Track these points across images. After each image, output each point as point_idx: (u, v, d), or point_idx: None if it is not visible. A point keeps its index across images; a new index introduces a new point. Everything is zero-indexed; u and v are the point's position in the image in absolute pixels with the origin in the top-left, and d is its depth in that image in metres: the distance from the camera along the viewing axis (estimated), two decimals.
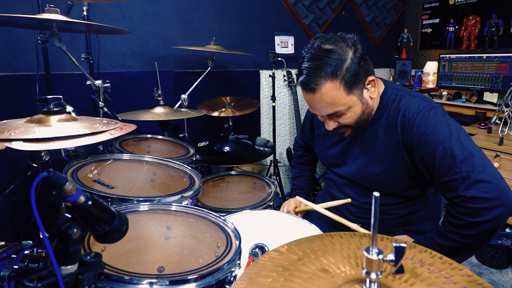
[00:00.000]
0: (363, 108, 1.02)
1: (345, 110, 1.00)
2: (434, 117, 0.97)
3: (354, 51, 0.96)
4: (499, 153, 2.00)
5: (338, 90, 0.95)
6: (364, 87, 1.00)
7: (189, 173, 1.22)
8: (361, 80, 0.98)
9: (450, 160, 0.90)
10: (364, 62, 0.98)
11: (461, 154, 0.89)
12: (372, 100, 1.04)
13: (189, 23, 2.30)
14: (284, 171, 3.01)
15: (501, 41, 2.80)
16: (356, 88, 0.98)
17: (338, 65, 0.94)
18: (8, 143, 0.70)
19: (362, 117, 1.04)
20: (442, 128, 0.94)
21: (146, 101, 2.05)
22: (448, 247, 0.95)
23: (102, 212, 0.56)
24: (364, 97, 1.01)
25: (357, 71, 0.95)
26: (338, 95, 0.96)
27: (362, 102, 1.01)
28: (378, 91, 1.06)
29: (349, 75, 0.95)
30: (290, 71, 2.80)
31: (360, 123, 1.05)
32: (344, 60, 0.94)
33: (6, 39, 1.74)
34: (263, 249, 0.85)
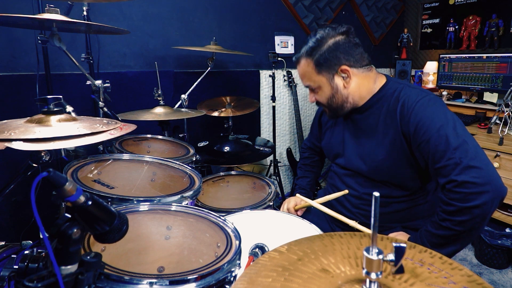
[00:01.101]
0: (332, 92, 1.13)
1: (316, 87, 1.14)
2: (432, 106, 1.02)
3: (336, 40, 1.09)
4: (499, 153, 2.00)
5: (309, 67, 1.12)
6: (337, 73, 1.11)
7: (189, 173, 1.22)
8: (331, 66, 1.09)
9: (444, 147, 0.95)
10: (344, 52, 1.08)
11: (455, 142, 0.94)
12: (347, 90, 1.12)
13: (189, 23, 2.30)
14: (284, 171, 3.01)
15: (501, 41, 2.79)
16: (325, 71, 1.11)
17: (314, 47, 1.10)
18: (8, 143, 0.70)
19: (333, 101, 1.14)
20: (439, 117, 0.99)
21: (146, 101, 2.05)
22: (443, 237, 0.98)
23: (102, 212, 0.56)
24: (335, 82, 1.12)
25: (328, 57, 1.08)
26: (309, 71, 1.13)
27: (331, 86, 1.12)
28: (359, 84, 1.12)
29: (321, 58, 1.09)
30: (290, 71, 2.80)
31: (333, 106, 1.16)
32: (321, 45, 1.09)
33: (6, 39, 1.74)
34: (263, 249, 0.85)
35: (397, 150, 1.07)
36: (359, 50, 1.11)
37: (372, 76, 1.14)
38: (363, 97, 1.14)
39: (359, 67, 1.11)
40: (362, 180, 1.20)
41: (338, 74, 1.10)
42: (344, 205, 1.25)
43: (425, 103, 1.02)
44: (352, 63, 1.10)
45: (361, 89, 1.13)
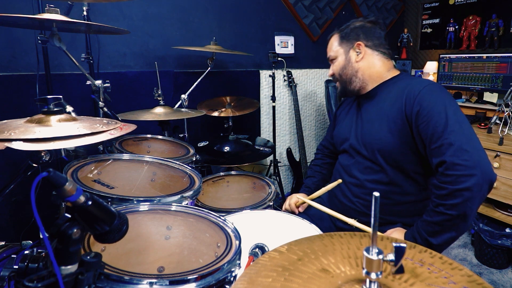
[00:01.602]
0: (345, 63, 1.26)
1: (334, 57, 1.29)
2: (436, 92, 1.07)
3: (362, 24, 1.25)
4: (499, 153, 2.00)
5: (334, 39, 1.30)
6: (353, 48, 1.24)
7: (189, 173, 1.22)
8: (350, 40, 1.25)
9: (443, 128, 1.00)
10: (364, 32, 1.23)
11: (453, 125, 1.00)
12: (358, 64, 1.23)
13: (189, 23, 2.30)
14: (284, 171, 3.01)
15: (501, 41, 2.79)
16: (345, 44, 1.26)
17: (345, 26, 1.28)
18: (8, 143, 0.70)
19: (344, 72, 1.26)
20: (442, 101, 1.04)
21: (146, 101, 2.05)
22: (437, 223, 1.01)
23: (102, 212, 0.56)
24: (349, 54, 1.25)
25: (350, 32, 1.25)
26: (333, 42, 1.30)
27: (346, 58, 1.26)
28: (370, 63, 1.23)
29: (344, 32, 1.27)
30: (290, 71, 2.80)
31: (344, 79, 1.28)
32: (349, 24, 1.27)
33: (6, 39, 1.74)
34: (263, 249, 0.85)
35: (399, 133, 1.11)
36: (381, 39, 1.23)
37: (387, 64, 1.24)
38: (372, 79, 1.23)
39: (374, 50, 1.23)
40: (363, 166, 1.22)
41: (353, 48, 1.24)
42: (345, 194, 1.27)
43: (431, 89, 1.08)
44: (369, 43, 1.23)
45: (371, 70, 1.23)
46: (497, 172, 2.02)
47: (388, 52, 1.24)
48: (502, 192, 2.01)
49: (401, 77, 1.21)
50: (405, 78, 1.20)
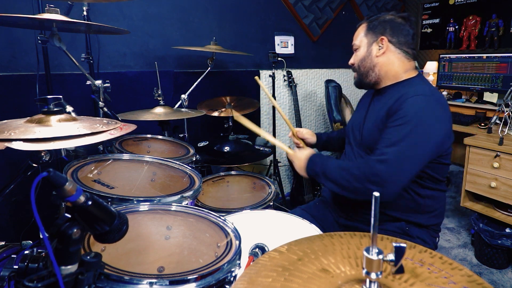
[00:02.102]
0: (365, 55, 1.24)
1: (357, 46, 1.27)
2: (422, 104, 1.07)
3: (392, 18, 1.22)
4: (499, 153, 2.00)
5: (362, 28, 1.27)
6: (376, 41, 1.22)
7: (189, 173, 1.22)
8: (376, 33, 1.22)
9: (393, 140, 1.06)
10: (392, 28, 1.20)
11: (399, 139, 1.04)
12: (377, 59, 1.22)
13: (189, 23, 2.30)
14: (284, 171, 3.01)
15: (501, 41, 2.79)
16: (370, 36, 1.23)
17: (375, 17, 1.25)
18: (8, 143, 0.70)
19: (363, 64, 1.25)
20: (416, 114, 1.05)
21: (146, 101, 2.05)
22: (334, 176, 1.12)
23: (102, 212, 0.56)
24: (371, 47, 1.23)
25: (377, 25, 1.22)
26: (360, 31, 1.28)
27: (367, 49, 1.24)
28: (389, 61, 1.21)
29: (372, 23, 1.24)
30: (290, 71, 2.79)
31: (361, 71, 1.27)
32: (380, 16, 1.24)
33: (6, 39, 1.74)
34: (263, 249, 0.85)
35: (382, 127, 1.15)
36: (408, 37, 1.20)
37: (406, 64, 1.21)
38: (387, 77, 1.23)
39: (397, 47, 1.20)
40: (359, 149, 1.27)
41: (377, 42, 1.22)
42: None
43: (421, 99, 1.08)
44: (394, 40, 1.20)
45: (389, 67, 1.22)
46: (497, 172, 2.02)
47: (411, 52, 1.22)
48: (502, 192, 2.01)
49: (413, 81, 1.19)
50: (416, 82, 1.18)
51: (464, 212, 2.75)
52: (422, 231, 1.19)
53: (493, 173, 2.04)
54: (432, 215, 1.19)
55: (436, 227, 1.22)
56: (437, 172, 1.15)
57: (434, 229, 1.22)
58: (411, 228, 1.18)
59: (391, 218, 1.19)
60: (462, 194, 2.25)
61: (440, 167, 1.15)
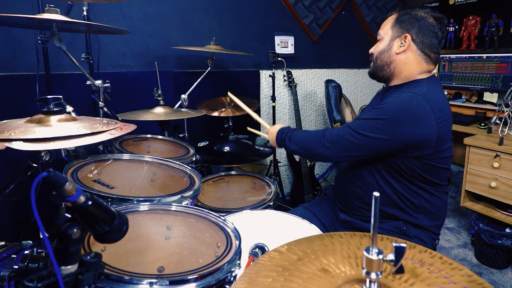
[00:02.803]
0: (385, 48, 1.21)
1: (381, 37, 1.24)
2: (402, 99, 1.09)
3: (424, 16, 1.16)
4: (499, 153, 2.00)
5: (391, 18, 1.23)
6: (400, 37, 1.18)
7: (189, 173, 1.22)
8: (403, 28, 1.18)
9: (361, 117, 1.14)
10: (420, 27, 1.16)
11: (369, 116, 1.10)
12: (396, 56, 1.19)
13: (189, 23, 2.30)
14: (284, 171, 3.01)
15: (501, 41, 2.79)
16: (396, 29, 1.19)
17: (408, 11, 1.20)
18: (8, 143, 0.70)
19: (381, 57, 1.23)
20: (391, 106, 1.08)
21: (146, 101, 2.05)
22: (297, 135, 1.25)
23: (102, 212, 0.56)
24: (393, 42, 1.20)
25: (406, 20, 1.17)
26: (388, 21, 1.23)
27: (388, 44, 1.21)
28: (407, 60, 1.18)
29: (402, 17, 1.19)
30: (290, 71, 2.79)
31: (378, 63, 1.24)
32: (412, 11, 1.19)
33: (6, 39, 1.74)
34: (263, 249, 0.85)
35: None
36: (434, 40, 1.16)
37: (424, 67, 1.18)
38: (400, 76, 1.21)
39: (419, 49, 1.16)
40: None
41: (400, 38, 1.18)
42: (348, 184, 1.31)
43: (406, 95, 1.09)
44: (418, 40, 1.16)
45: (405, 67, 1.19)
46: (497, 172, 2.02)
47: (434, 56, 1.17)
48: (502, 192, 2.01)
49: (420, 83, 1.16)
50: (420, 84, 1.15)
51: (464, 212, 2.75)
52: (420, 231, 1.19)
53: (493, 173, 2.04)
54: (430, 216, 1.19)
55: (435, 229, 1.22)
56: (430, 175, 1.13)
57: (433, 231, 1.21)
58: (409, 227, 1.18)
59: (389, 217, 1.19)
60: (462, 194, 2.25)
61: (435, 170, 1.13)
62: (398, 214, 1.18)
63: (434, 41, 1.15)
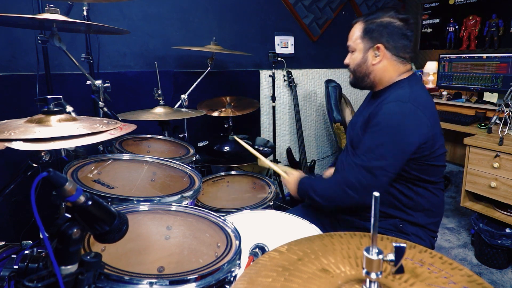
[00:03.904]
0: (361, 61, 1.21)
1: (353, 49, 1.23)
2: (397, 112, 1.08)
3: (391, 21, 1.16)
4: (499, 153, 2.00)
5: (358, 29, 1.21)
6: (372, 48, 1.18)
7: (189, 173, 1.22)
8: (372, 38, 1.17)
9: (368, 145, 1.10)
10: (389, 34, 1.15)
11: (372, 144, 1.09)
12: (373, 67, 1.19)
13: (189, 23, 2.30)
14: None
15: (501, 41, 2.79)
16: (366, 41, 1.19)
17: (372, 17, 1.18)
18: (8, 143, 0.70)
19: (358, 70, 1.23)
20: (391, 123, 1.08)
21: (146, 101, 2.05)
22: (321, 187, 1.20)
23: (102, 212, 0.56)
24: (367, 54, 1.20)
25: (374, 29, 1.17)
26: (356, 32, 1.22)
27: (362, 56, 1.20)
28: (384, 68, 1.19)
29: (370, 27, 1.18)
30: (290, 71, 2.79)
31: (357, 75, 1.25)
32: (377, 18, 1.17)
33: (6, 39, 1.74)
34: (263, 249, 0.85)
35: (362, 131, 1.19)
36: (405, 42, 1.16)
37: (401, 69, 1.20)
38: (382, 82, 1.22)
39: (393, 54, 1.17)
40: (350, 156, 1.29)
41: (373, 49, 1.18)
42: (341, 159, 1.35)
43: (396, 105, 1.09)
44: (390, 47, 1.17)
45: (384, 74, 1.20)
46: (497, 172, 2.02)
47: (408, 57, 1.19)
48: (502, 192, 2.01)
49: (401, 84, 1.18)
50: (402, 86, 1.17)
51: (464, 212, 2.75)
52: (417, 228, 1.19)
53: (493, 173, 2.04)
54: (427, 213, 1.19)
55: (433, 227, 1.22)
56: (427, 174, 1.14)
57: (431, 229, 1.22)
58: (405, 225, 1.18)
59: (385, 216, 1.19)
60: (462, 194, 2.25)
61: (431, 169, 1.14)
62: (395, 213, 1.19)
63: (405, 43, 1.16)
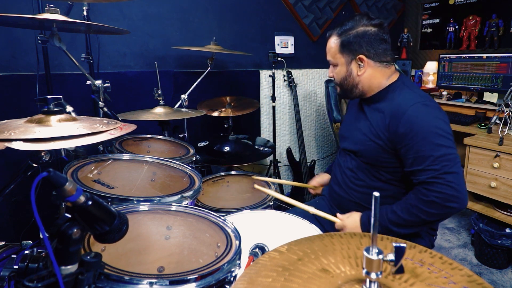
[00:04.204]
0: (346, 75, 1.21)
1: (334, 63, 1.22)
2: (423, 112, 1.07)
3: (366, 30, 1.15)
4: (499, 153, 2.00)
5: (335, 44, 1.20)
6: (355, 59, 1.17)
7: (189, 173, 1.22)
8: (352, 51, 1.16)
9: (427, 155, 1.03)
10: (368, 42, 1.15)
11: (438, 152, 1.02)
12: (359, 78, 1.19)
13: (189, 23, 2.30)
14: (284, 171, 3.01)
15: (501, 41, 2.79)
16: (346, 54, 1.18)
17: (346, 29, 1.17)
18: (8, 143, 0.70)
19: (345, 83, 1.22)
20: (428, 124, 1.05)
21: (146, 101, 2.05)
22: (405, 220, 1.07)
23: (102, 212, 0.56)
24: (351, 66, 1.19)
25: (352, 41, 1.15)
26: (333, 47, 1.20)
27: (347, 69, 1.20)
28: (371, 75, 1.19)
29: (346, 40, 1.16)
30: (290, 71, 2.79)
31: (344, 87, 1.24)
32: (351, 29, 1.16)
33: (6, 39, 1.74)
34: (263, 249, 0.85)
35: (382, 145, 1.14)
36: (384, 45, 1.16)
37: (388, 73, 1.20)
38: (372, 89, 1.21)
39: (377, 61, 1.17)
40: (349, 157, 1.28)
41: (356, 60, 1.17)
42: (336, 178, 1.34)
43: (418, 108, 1.07)
44: (372, 55, 1.16)
45: (372, 81, 1.20)
46: (497, 172, 2.02)
47: (390, 58, 1.19)
48: (502, 192, 2.01)
49: (396, 86, 1.18)
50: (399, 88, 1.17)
51: (464, 212, 2.75)
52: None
53: (493, 173, 2.04)
54: None
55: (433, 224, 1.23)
56: None
57: (429, 227, 1.22)
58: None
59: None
60: None
61: None
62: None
63: (385, 46, 1.16)
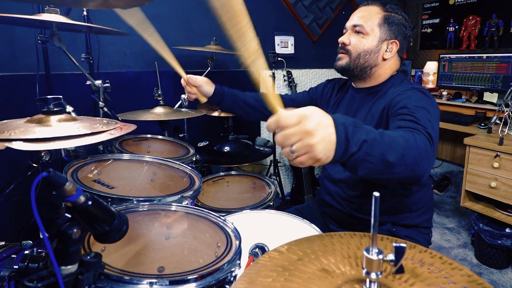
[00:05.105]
0: (373, 50, 1.13)
1: (363, 31, 1.13)
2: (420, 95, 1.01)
3: (403, 22, 1.15)
4: (499, 153, 2.00)
5: (376, 12, 1.13)
6: (388, 41, 1.13)
7: (189, 173, 1.22)
8: (391, 31, 1.12)
9: (412, 109, 0.91)
10: (403, 34, 1.14)
11: (424, 117, 0.87)
12: (381, 60, 1.14)
13: (189, 23, 2.30)
14: (284, 171, 3.01)
15: (501, 41, 2.79)
16: (384, 31, 1.12)
17: (393, 9, 1.14)
18: (8, 143, 0.70)
19: (364, 57, 1.13)
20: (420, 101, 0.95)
21: (146, 101, 2.05)
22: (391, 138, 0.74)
23: (102, 212, 0.56)
24: (381, 46, 1.13)
25: (396, 23, 1.12)
26: (372, 16, 1.13)
27: (376, 45, 1.13)
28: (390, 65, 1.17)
29: (391, 18, 1.12)
30: (290, 71, 2.79)
31: (359, 61, 1.14)
32: (397, 13, 1.14)
33: (6, 39, 1.74)
34: (263, 249, 0.85)
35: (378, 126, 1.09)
36: (407, 43, 1.19)
37: (394, 68, 1.19)
38: (375, 78, 1.18)
39: (399, 55, 1.17)
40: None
41: (388, 43, 1.13)
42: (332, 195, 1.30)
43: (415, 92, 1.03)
44: (400, 47, 1.15)
45: (386, 71, 1.18)
46: (497, 172, 2.02)
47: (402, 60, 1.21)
48: (502, 192, 2.01)
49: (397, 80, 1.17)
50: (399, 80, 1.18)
51: (464, 212, 2.75)
52: (410, 230, 1.19)
53: (493, 173, 2.04)
54: (419, 212, 1.19)
55: (426, 223, 1.22)
56: None
57: (424, 226, 1.22)
58: (398, 229, 1.18)
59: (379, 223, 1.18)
60: (462, 194, 2.25)
61: None
62: (387, 219, 1.19)
63: (407, 44, 1.19)
